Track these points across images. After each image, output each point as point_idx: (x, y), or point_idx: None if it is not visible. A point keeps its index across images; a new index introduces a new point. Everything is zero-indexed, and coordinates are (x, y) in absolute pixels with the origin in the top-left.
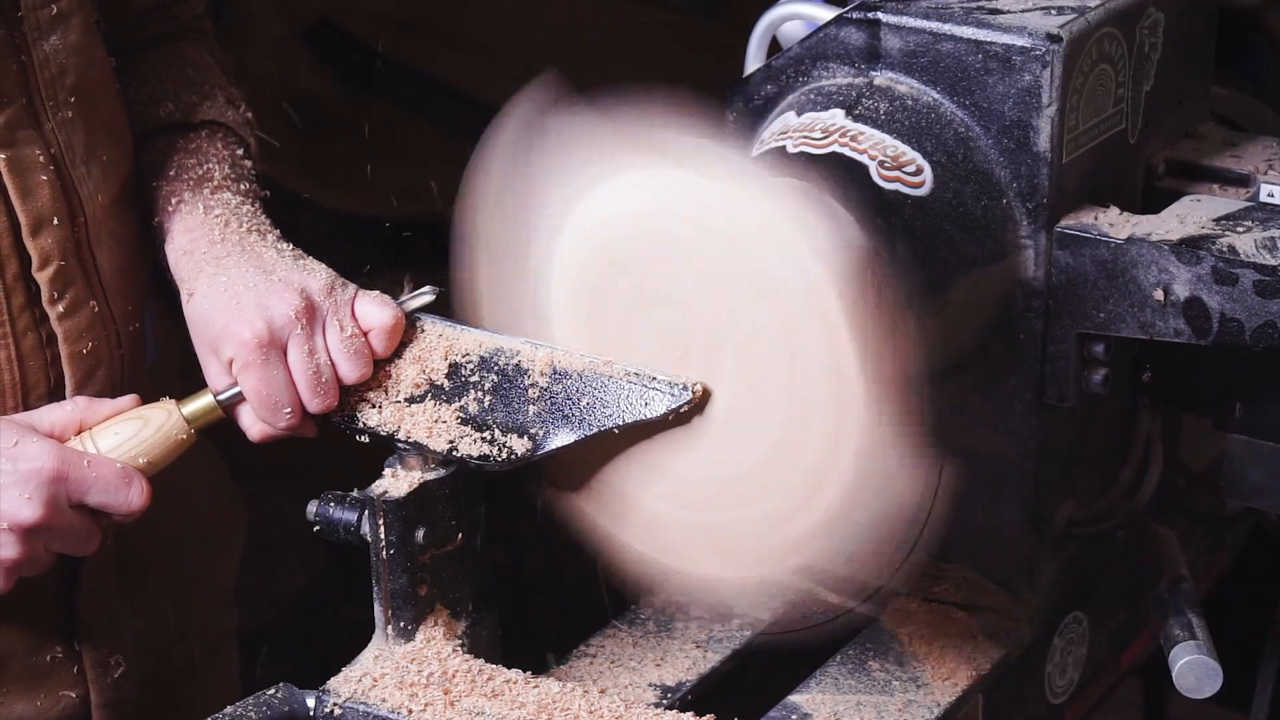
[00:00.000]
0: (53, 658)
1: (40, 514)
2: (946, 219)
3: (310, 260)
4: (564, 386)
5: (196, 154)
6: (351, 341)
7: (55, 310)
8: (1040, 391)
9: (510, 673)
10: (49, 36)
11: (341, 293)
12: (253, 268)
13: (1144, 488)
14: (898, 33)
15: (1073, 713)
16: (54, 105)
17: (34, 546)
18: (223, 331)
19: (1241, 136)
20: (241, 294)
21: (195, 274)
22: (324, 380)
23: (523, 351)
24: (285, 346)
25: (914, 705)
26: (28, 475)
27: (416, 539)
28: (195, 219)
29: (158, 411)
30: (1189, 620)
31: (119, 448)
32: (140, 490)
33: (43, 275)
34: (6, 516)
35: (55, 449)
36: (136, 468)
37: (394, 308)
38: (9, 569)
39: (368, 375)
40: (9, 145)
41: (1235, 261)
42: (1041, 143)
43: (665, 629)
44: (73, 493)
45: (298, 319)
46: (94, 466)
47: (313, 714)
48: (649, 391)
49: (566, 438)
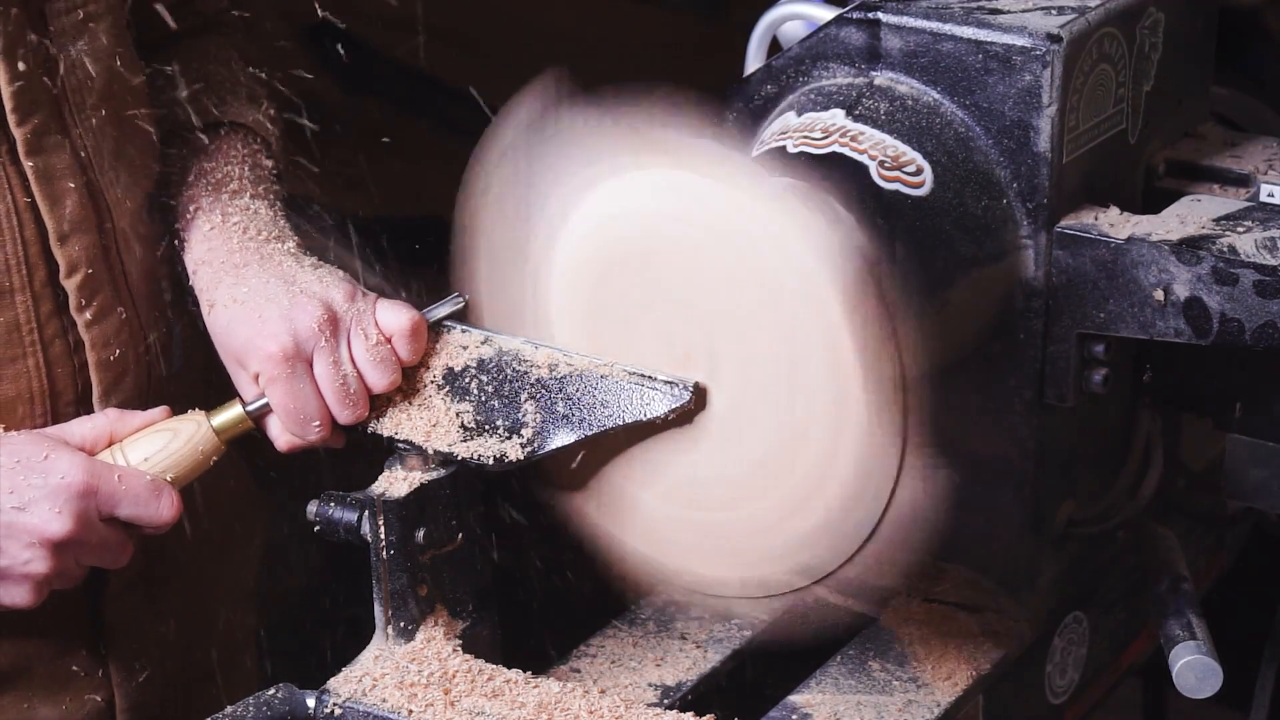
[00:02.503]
0: (78, 662)
1: (70, 528)
2: (946, 219)
3: (328, 268)
4: (564, 386)
5: (216, 157)
6: (377, 350)
7: (83, 317)
8: (1040, 391)
9: (510, 673)
10: (76, 42)
11: (363, 301)
12: (273, 278)
13: (1144, 488)
14: (898, 33)
15: (1073, 713)
16: (81, 110)
17: (64, 560)
18: (246, 345)
19: (1241, 136)
20: (264, 306)
21: (214, 284)
22: (352, 391)
23: (523, 351)
24: (310, 359)
25: (914, 705)
26: (58, 489)
27: (416, 539)
28: (213, 227)
29: (187, 423)
30: (1189, 620)
31: (149, 460)
32: (170, 502)
33: (70, 283)
34: (37, 531)
35: (85, 463)
36: (166, 480)
37: (413, 312)
38: (39, 583)
39: (397, 383)
40: (37, 153)
41: (1235, 261)
42: (1041, 143)
43: (665, 629)
44: (103, 506)
45: (321, 331)
46: (124, 480)
47: (313, 714)
48: (649, 391)
49: (566, 438)
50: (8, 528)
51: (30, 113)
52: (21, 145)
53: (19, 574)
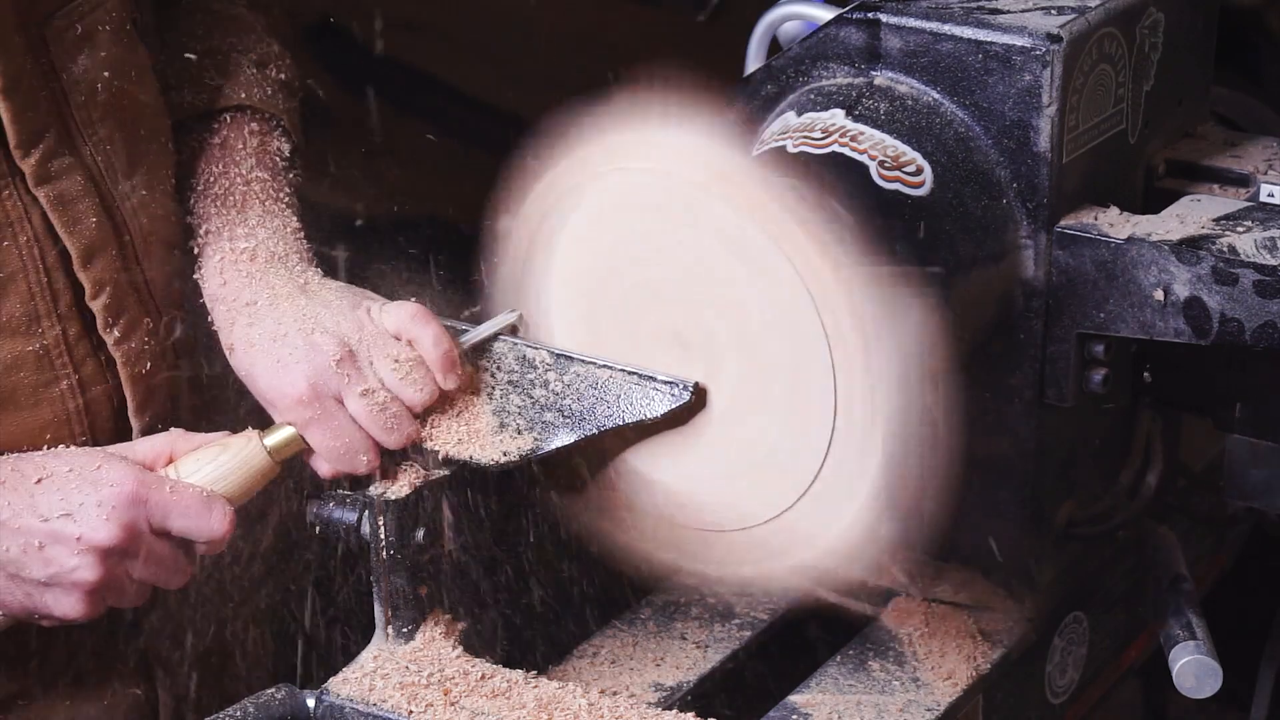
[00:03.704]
0: (121, 660)
1: (117, 535)
2: (946, 219)
3: (336, 290)
4: (564, 386)
5: (222, 155)
6: (402, 366)
7: (112, 335)
8: (1040, 391)
9: (510, 673)
10: (77, 57)
11: (375, 320)
12: (285, 315)
13: (1144, 488)
14: (898, 33)
15: (1073, 713)
16: (89, 126)
17: (114, 570)
18: (269, 392)
19: (1241, 136)
20: (278, 350)
21: (229, 324)
22: (391, 413)
23: (523, 351)
24: (338, 396)
25: (914, 705)
26: (106, 497)
27: (416, 539)
28: (222, 257)
29: (239, 439)
30: (1189, 620)
31: (198, 473)
32: (223, 515)
33: (97, 303)
34: (84, 538)
35: (136, 472)
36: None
37: (414, 307)
38: (89, 593)
39: (436, 394)
40: (48, 180)
41: (1235, 261)
42: (1041, 143)
43: (665, 629)
44: (153, 517)
45: (341, 367)
46: (175, 491)
47: (313, 714)
48: (649, 391)
49: (567, 437)
50: (55, 535)
51: (36, 141)
52: (30, 177)
53: (68, 582)
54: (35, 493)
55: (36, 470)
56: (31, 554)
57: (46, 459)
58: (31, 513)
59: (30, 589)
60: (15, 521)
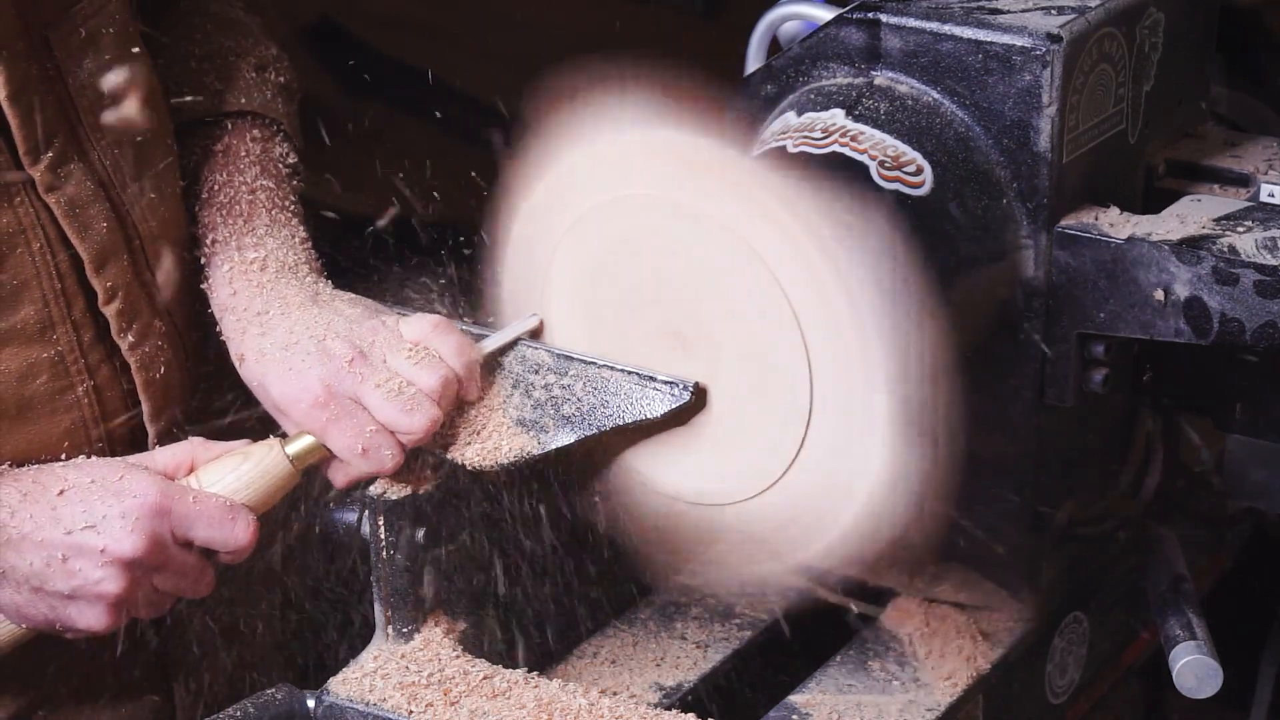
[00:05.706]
0: (139, 668)
1: (141, 546)
2: (946, 219)
3: (345, 300)
4: (564, 386)
5: (225, 162)
6: (417, 353)
7: (125, 340)
8: (1040, 391)
9: (510, 673)
10: (82, 61)
11: (394, 327)
12: (295, 324)
13: (1144, 488)
14: (898, 33)
15: (1073, 713)
16: (96, 130)
17: (138, 582)
18: (282, 400)
19: (1241, 136)
20: (290, 358)
21: (240, 335)
22: (409, 395)
23: (524, 352)
24: (353, 395)
25: (914, 705)
26: (130, 508)
27: (416, 539)
28: (231, 266)
29: (260, 447)
30: (1189, 620)
31: (220, 482)
32: (246, 525)
33: (110, 309)
34: (109, 549)
35: (159, 483)
36: (241, 504)
37: (435, 318)
38: (113, 605)
39: (453, 380)
40: (58, 186)
41: (1236, 261)
42: (1041, 143)
43: (665, 629)
44: (177, 527)
45: (354, 366)
46: (199, 501)
47: (313, 714)
48: (649, 391)
49: (567, 438)
50: (79, 547)
51: (44, 148)
52: (40, 184)
53: (92, 594)
54: (57, 505)
55: (58, 482)
56: (55, 567)
57: (67, 470)
58: (54, 525)
59: (54, 602)
60: (38, 534)
